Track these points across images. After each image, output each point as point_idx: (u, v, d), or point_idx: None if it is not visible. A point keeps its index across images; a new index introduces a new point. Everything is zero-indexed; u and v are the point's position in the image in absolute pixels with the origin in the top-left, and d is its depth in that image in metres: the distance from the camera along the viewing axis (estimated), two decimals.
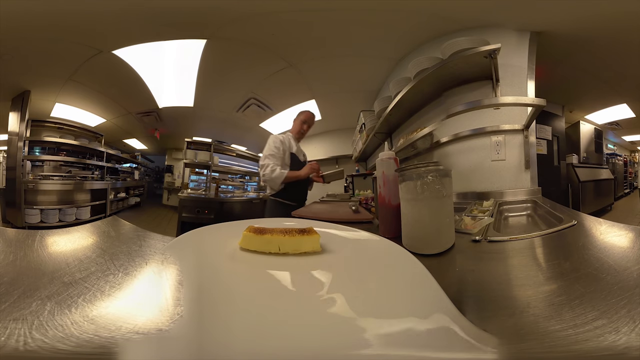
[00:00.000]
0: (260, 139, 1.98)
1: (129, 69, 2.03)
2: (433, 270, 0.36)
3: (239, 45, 1.81)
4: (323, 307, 0.33)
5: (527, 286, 0.39)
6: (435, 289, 0.33)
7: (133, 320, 0.27)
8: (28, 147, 2.35)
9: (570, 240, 0.60)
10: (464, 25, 1.46)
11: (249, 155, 2.48)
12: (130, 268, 0.41)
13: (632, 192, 2.03)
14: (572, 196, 1.75)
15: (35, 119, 2.34)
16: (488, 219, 0.74)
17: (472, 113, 1.33)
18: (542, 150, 1.57)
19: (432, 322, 0.28)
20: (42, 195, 2.41)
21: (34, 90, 2.20)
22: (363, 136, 2.17)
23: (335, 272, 0.43)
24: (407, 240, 0.55)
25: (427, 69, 1.41)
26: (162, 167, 3.41)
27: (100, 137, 2.88)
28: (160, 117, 2.64)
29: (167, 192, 3.32)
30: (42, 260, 0.45)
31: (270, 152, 1.66)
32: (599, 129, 1.95)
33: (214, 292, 0.36)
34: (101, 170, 2.91)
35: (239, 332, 0.27)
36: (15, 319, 0.27)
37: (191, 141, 2.86)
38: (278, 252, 0.48)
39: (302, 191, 1.77)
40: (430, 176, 0.53)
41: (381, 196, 0.67)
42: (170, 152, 3.37)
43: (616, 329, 0.26)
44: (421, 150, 1.69)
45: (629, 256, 0.46)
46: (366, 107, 2.16)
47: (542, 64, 1.38)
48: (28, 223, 2.27)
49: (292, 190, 1.67)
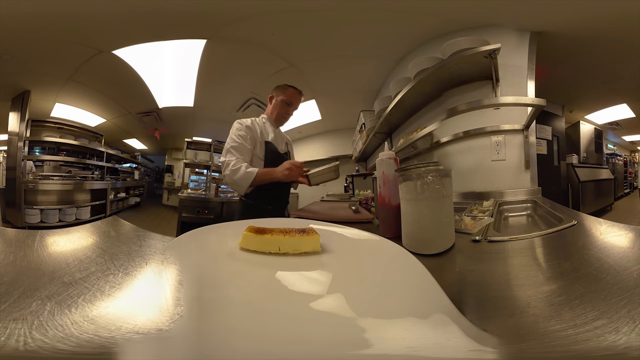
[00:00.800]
0: None
1: (129, 69, 2.03)
2: (433, 270, 0.36)
3: (239, 45, 1.81)
4: (323, 307, 0.33)
5: (527, 286, 0.39)
6: (435, 289, 0.33)
7: (133, 320, 0.27)
8: (28, 147, 2.35)
9: (570, 240, 0.60)
10: (464, 25, 1.46)
11: None
12: (130, 268, 0.41)
13: (632, 192, 2.03)
14: (572, 196, 1.75)
15: (35, 119, 2.35)
16: (488, 219, 0.74)
17: (472, 113, 1.33)
18: (542, 150, 1.57)
19: (432, 322, 0.28)
20: (42, 195, 2.41)
21: (34, 90, 2.20)
22: (363, 136, 2.17)
23: (335, 272, 0.43)
24: (407, 240, 0.55)
25: (427, 69, 1.41)
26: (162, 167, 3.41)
27: (100, 137, 2.88)
28: (160, 117, 2.64)
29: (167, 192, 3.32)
30: (42, 260, 0.45)
31: (233, 143, 1.21)
32: (599, 129, 1.95)
33: (214, 292, 0.36)
34: (101, 170, 2.91)
35: (239, 332, 0.27)
36: (15, 319, 0.27)
37: (191, 141, 2.86)
38: (278, 252, 0.48)
39: (282, 191, 1.32)
40: (430, 176, 0.53)
41: (381, 196, 0.67)
42: (170, 152, 3.38)
43: (616, 329, 0.26)
44: (421, 150, 1.69)
45: (629, 256, 0.46)
46: (366, 107, 2.16)
47: (542, 64, 1.38)
48: (28, 223, 2.27)
49: (269, 189, 1.22)
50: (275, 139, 1.32)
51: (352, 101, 2.35)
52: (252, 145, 1.23)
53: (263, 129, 1.30)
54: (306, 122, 2.71)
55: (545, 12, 1.31)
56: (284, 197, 1.36)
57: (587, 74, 1.63)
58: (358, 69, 2.04)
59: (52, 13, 1.48)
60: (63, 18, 1.53)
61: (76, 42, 1.75)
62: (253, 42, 1.77)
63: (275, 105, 1.35)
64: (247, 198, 1.24)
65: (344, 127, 2.65)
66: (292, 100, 1.35)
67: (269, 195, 1.24)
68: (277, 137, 1.34)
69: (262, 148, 1.27)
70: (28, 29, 1.56)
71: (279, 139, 1.36)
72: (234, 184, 1.18)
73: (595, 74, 1.63)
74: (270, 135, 1.31)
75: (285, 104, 1.34)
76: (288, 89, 1.34)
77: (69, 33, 1.66)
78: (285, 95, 1.34)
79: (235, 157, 1.18)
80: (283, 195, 1.35)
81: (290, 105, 1.35)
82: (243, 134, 1.22)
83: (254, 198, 1.23)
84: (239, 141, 1.20)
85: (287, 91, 1.34)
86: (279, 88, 1.36)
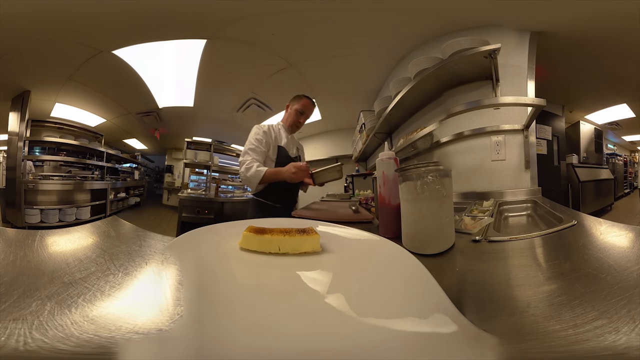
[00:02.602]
0: None
1: (129, 69, 2.03)
2: (433, 270, 0.36)
3: (239, 45, 1.80)
4: (323, 307, 0.33)
5: (527, 286, 0.39)
6: (435, 289, 0.33)
7: (133, 320, 0.27)
8: (28, 147, 2.35)
9: (570, 240, 0.60)
10: (464, 25, 1.46)
11: None
12: (130, 268, 0.41)
13: (632, 192, 2.03)
14: (572, 196, 1.75)
15: (35, 119, 2.35)
16: (488, 219, 0.74)
17: (472, 113, 1.33)
18: (542, 150, 1.57)
19: (432, 322, 0.28)
20: (42, 195, 2.41)
21: (34, 90, 2.20)
22: (363, 136, 2.17)
23: (335, 272, 0.43)
24: (407, 240, 0.55)
25: (427, 69, 1.41)
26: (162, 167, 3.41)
27: (100, 137, 2.88)
28: (160, 117, 2.64)
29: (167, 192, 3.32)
30: (42, 260, 0.45)
31: (250, 145, 1.35)
32: (599, 129, 1.95)
33: (214, 292, 0.36)
34: (101, 170, 2.91)
35: (239, 332, 0.27)
36: (15, 319, 0.27)
37: (191, 141, 2.86)
38: (278, 252, 0.48)
39: (290, 191, 1.43)
40: (430, 176, 0.53)
41: (381, 196, 0.67)
42: (170, 152, 3.38)
43: (616, 329, 0.26)
44: (421, 150, 1.69)
45: (629, 256, 0.46)
46: (366, 107, 2.16)
47: (542, 64, 1.38)
48: (28, 223, 2.27)
49: (278, 189, 1.36)
50: (287, 144, 1.46)
51: (352, 101, 2.35)
52: (266, 148, 1.37)
53: (278, 134, 1.45)
54: (306, 122, 2.71)
55: (545, 12, 1.31)
56: (292, 196, 1.48)
57: (587, 74, 1.63)
58: (358, 69, 2.04)
59: (52, 13, 1.48)
60: (63, 18, 1.53)
61: (76, 42, 1.75)
62: (253, 42, 1.77)
63: (290, 113, 1.48)
64: (258, 197, 1.38)
65: (344, 127, 2.65)
66: (304, 109, 1.47)
67: (277, 195, 1.37)
68: (289, 142, 1.48)
69: (274, 151, 1.40)
70: (28, 29, 1.56)
71: (291, 144, 1.51)
72: (247, 180, 1.32)
73: (595, 74, 1.62)
74: (284, 140, 1.45)
75: (298, 113, 1.46)
76: (302, 99, 1.47)
77: (69, 33, 1.66)
78: (299, 104, 1.46)
79: (251, 158, 1.32)
80: (291, 195, 1.47)
81: (303, 114, 1.48)
82: (260, 137, 1.36)
83: (264, 197, 1.37)
84: (255, 144, 1.35)
85: (302, 101, 1.47)
86: (295, 98, 1.49)
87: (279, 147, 1.42)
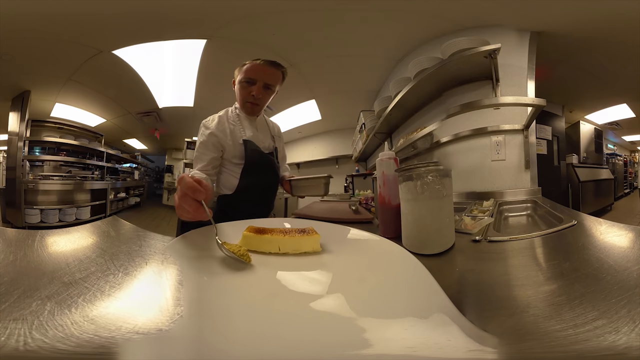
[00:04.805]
0: None
1: (129, 69, 2.03)
2: (433, 270, 0.36)
3: (239, 45, 1.81)
4: (323, 307, 0.33)
5: (527, 286, 0.39)
6: (435, 289, 0.33)
7: (133, 320, 0.27)
8: (28, 147, 2.35)
9: (570, 240, 0.60)
10: (464, 25, 1.46)
11: None
12: (130, 268, 0.41)
13: (632, 192, 2.03)
14: (572, 196, 1.76)
15: (35, 119, 2.35)
16: (488, 219, 0.74)
17: (472, 113, 1.33)
18: (542, 150, 1.57)
19: (432, 322, 0.28)
20: (42, 195, 2.42)
21: (34, 90, 2.20)
22: (363, 136, 2.17)
23: (335, 272, 0.43)
24: (407, 240, 0.55)
25: (427, 69, 1.41)
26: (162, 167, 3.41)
27: (100, 137, 2.88)
28: (160, 117, 2.64)
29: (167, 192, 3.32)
30: (42, 260, 0.45)
31: (196, 153, 1.04)
32: (599, 129, 1.95)
33: (214, 292, 0.36)
34: (101, 170, 2.92)
35: (239, 332, 0.27)
36: (15, 319, 0.27)
37: (191, 141, 2.87)
38: (278, 252, 0.48)
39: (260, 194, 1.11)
40: (430, 176, 0.53)
41: (381, 196, 0.67)
42: (170, 152, 3.38)
43: (616, 329, 0.26)
44: (421, 150, 1.69)
45: (629, 256, 0.46)
46: (366, 107, 2.16)
47: (542, 64, 1.38)
48: (28, 223, 2.27)
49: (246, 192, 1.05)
50: (255, 135, 1.07)
51: (352, 101, 2.35)
52: (216, 152, 1.02)
53: (237, 125, 1.06)
54: (306, 122, 2.71)
55: (545, 12, 1.31)
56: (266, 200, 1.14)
57: (587, 74, 1.63)
58: (358, 69, 2.04)
59: (52, 13, 1.48)
60: (63, 18, 1.53)
61: (76, 42, 1.75)
62: (253, 42, 1.77)
63: (238, 89, 1.07)
64: (223, 201, 1.06)
65: (344, 127, 2.65)
66: (251, 75, 1.02)
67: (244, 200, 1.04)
68: (257, 132, 1.09)
69: (237, 149, 1.04)
70: (28, 29, 1.56)
71: (261, 133, 1.12)
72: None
73: (595, 74, 1.63)
74: (248, 131, 1.06)
75: (245, 84, 1.03)
76: (245, 64, 1.03)
77: (69, 33, 1.66)
78: (242, 73, 1.03)
79: (194, 171, 1.00)
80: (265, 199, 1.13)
81: (253, 83, 1.02)
82: (205, 139, 1.03)
83: (229, 201, 1.05)
84: (201, 150, 1.03)
85: (244, 67, 1.03)
86: (238, 68, 1.07)
87: (245, 141, 1.04)
